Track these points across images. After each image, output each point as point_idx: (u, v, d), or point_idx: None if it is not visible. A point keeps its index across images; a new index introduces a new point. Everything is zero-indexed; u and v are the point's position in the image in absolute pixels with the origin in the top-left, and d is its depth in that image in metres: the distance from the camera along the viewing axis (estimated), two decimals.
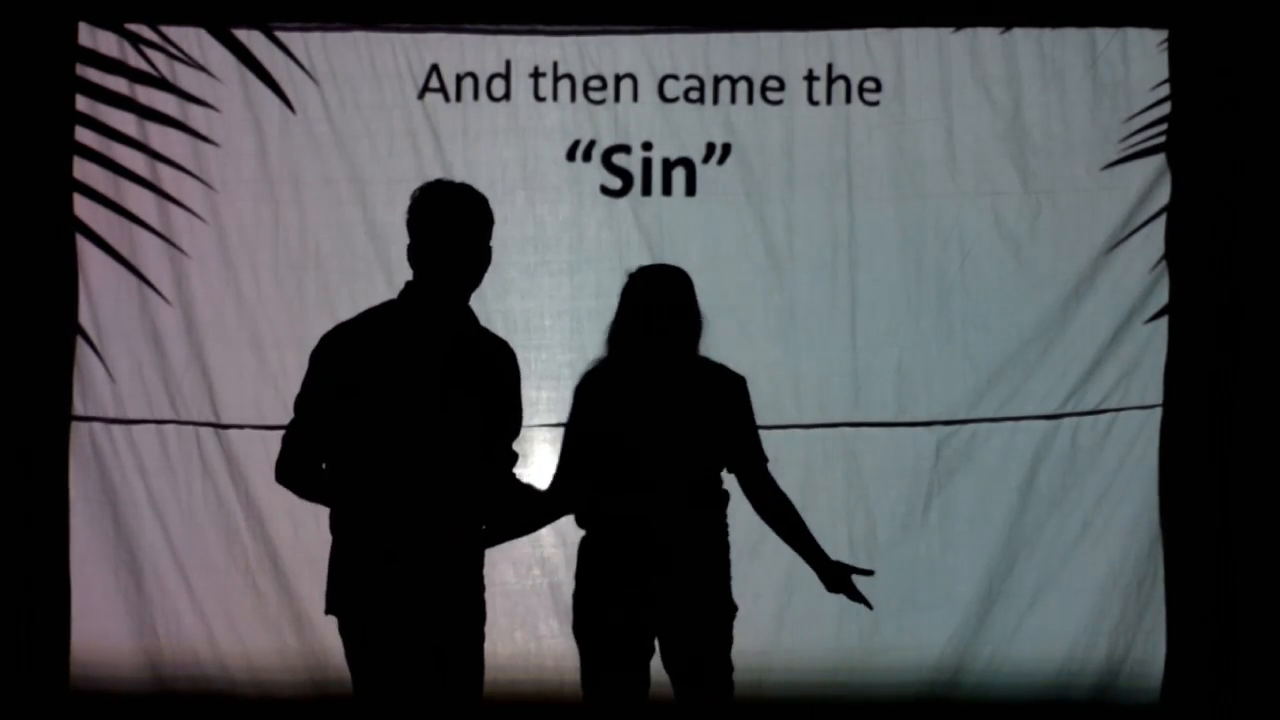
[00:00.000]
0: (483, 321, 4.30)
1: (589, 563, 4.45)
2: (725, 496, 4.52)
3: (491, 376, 4.11)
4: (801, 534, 4.55)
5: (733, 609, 4.49)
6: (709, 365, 4.55)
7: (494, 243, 5.68)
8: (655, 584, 4.37)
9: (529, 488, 4.29)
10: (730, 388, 4.55)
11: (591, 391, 4.50)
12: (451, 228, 4.03)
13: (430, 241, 4.03)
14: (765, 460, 4.56)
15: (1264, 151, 5.66)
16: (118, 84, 5.74)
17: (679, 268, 4.52)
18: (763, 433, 5.70)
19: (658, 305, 4.42)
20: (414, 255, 4.07)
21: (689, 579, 4.40)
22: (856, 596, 4.51)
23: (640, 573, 4.36)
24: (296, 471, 4.05)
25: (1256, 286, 5.67)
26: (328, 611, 4.14)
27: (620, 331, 4.48)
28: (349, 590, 4.03)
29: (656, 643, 4.45)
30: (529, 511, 4.29)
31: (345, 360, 3.98)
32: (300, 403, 4.05)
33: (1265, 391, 5.65)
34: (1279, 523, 5.66)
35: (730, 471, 4.56)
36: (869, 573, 4.50)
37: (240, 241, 5.77)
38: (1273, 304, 5.66)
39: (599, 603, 4.40)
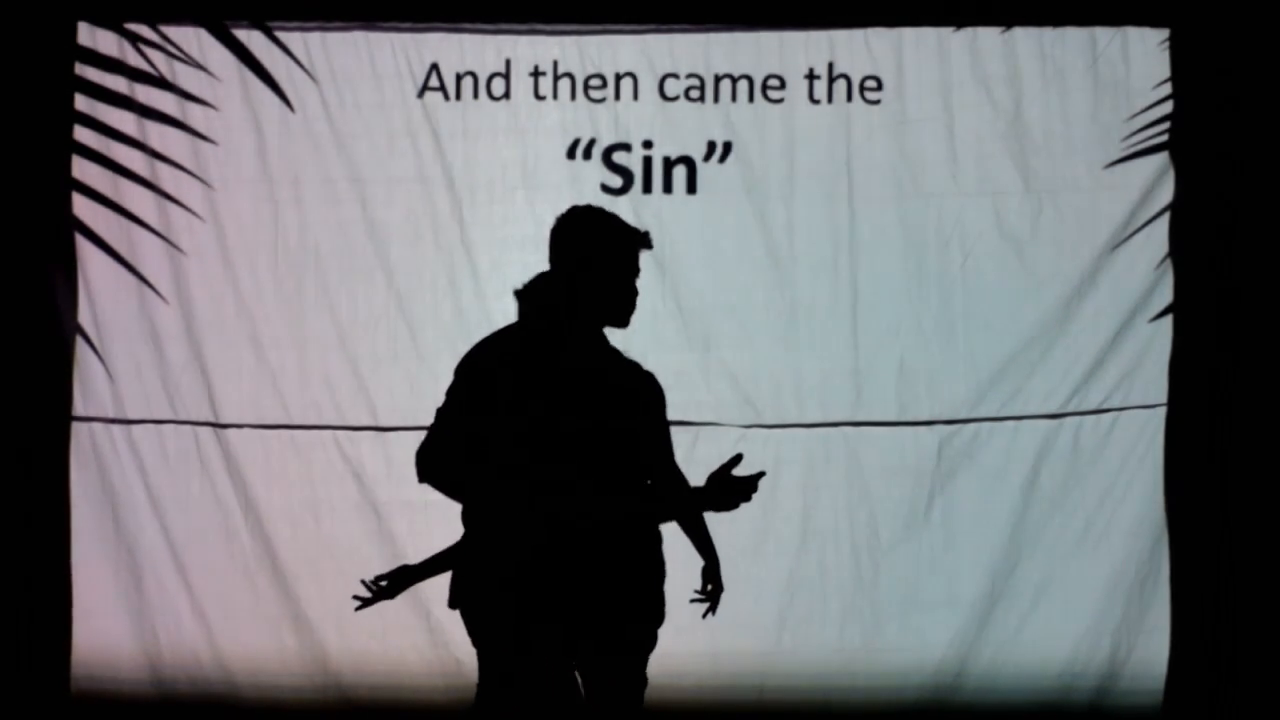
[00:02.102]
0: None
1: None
2: None
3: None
4: (700, 529, 4.38)
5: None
6: (626, 362, 4.36)
7: (493, 242, 5.78)
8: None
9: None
10: (648, 385, 4.32)
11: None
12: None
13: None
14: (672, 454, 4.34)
15: (1267, 150, 5.65)
16: (117, 83, 5.74)
17: None
18: (764, 432, 5.75)
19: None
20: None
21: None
22: (709, 609, 4.37)
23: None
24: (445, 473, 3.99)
25: (1260, 285, 5.66)
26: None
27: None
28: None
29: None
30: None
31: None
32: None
33: (1268, 390, 5.63)
34: None
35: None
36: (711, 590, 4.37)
37: (239, 240, 5.77)
38: (1276, 302, 5.65)
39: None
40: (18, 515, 5.56)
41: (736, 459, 4.00)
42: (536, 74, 5.82)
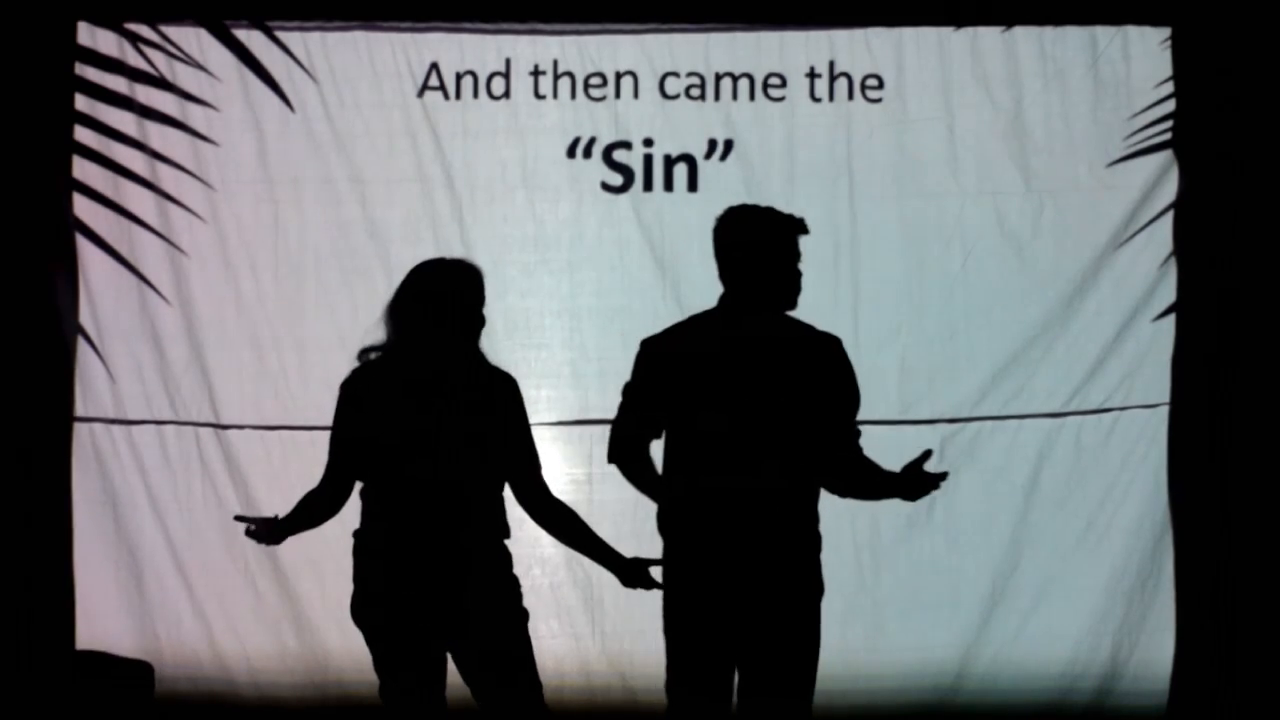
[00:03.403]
0: None
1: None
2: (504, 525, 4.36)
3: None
4: (589, 538, 4.39)
5: (526, 615, 4.35)
6: (485, 363, 4.35)
7: (493, 241, 5.78)
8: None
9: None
10: (505, 388, 4.33)
11: (363, 388, 4.33)
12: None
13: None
14: (539, 466, 4.35)
15: (1270, 149, 5.64)
16: (117, 83, 5.74)
17: (470, 261, 4.41)
18: None
19: (442, 295, 4.30)
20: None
21: (482, 601, 4.27)
22: (653, 584, 4.35)
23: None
24: (627, 455, 4.34)
25: (1264, 284, 5.64)
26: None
27: (399, 321, 4.32)
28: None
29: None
30: None
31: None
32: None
33: (1272, 390, 5.62)
34: None
35: (504, 478, 4.34)
36: (658, 561, 4.35)
37: (240, 241, 5.77)
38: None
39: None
40: (19, 516, 5.55)
41: (927, 454, 4.28)
42: (536, 73, 5.82)
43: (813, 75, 5.84)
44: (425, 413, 4.22)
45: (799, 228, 4.32)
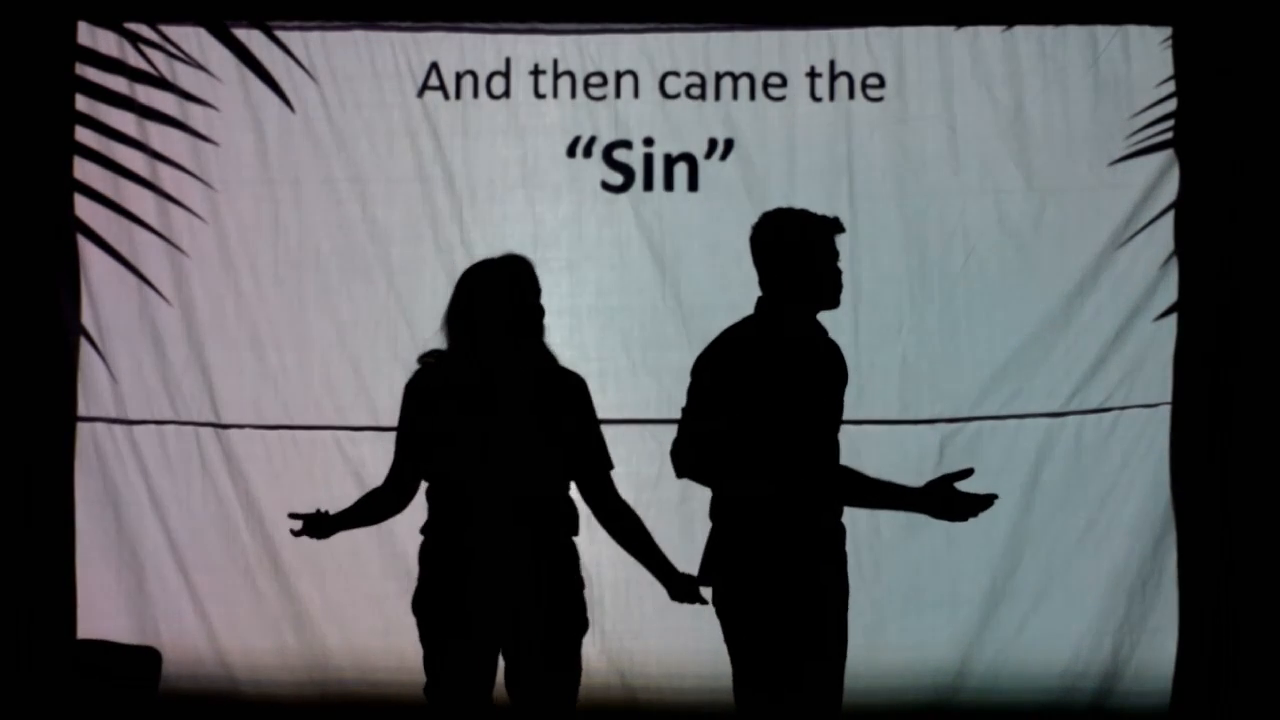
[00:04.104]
0: None
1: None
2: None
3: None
4: (648, 547, 4.35)
5: (585, 626, 4.29)
6: (551, 363, 4.36)
7: (493, 241, 5.78)
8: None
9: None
10: (570, 388, 4.33)
11: (426, 390, 4.32)
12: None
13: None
14: (607, 467, 4.34)
15: (1271, 148, 5.63)
16: (117, 83, 5.76)
17: (523, 257, 4.42)
18: None
19: (501, 299, 4.31)
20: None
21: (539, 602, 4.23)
22: (699, 600, 4.32)
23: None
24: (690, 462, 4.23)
25: (1265, 284, 5.63)
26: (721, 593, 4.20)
27: (450, 327, 4.32)
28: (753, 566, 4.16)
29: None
30: None
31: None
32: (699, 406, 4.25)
33: (1273, 389, 5.61)
34: None
35: (571, 478, 4.33)
36: (706, 588, 4.28)
37: (240, 241, 5.78)
38: None
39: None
40: (20, 515, 5.56)
41: (967, 472, 4.27)
42: (536, 72, 5.82)
43: (813, 75, 5.84)
44: (482, 414, 4.21)
45: (836, 227, 4.32)
